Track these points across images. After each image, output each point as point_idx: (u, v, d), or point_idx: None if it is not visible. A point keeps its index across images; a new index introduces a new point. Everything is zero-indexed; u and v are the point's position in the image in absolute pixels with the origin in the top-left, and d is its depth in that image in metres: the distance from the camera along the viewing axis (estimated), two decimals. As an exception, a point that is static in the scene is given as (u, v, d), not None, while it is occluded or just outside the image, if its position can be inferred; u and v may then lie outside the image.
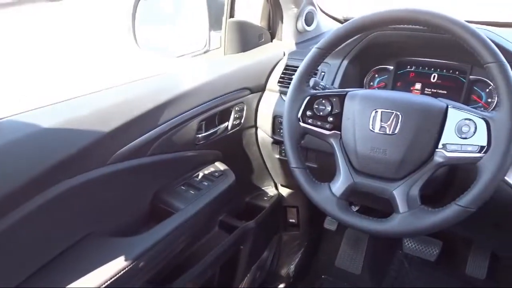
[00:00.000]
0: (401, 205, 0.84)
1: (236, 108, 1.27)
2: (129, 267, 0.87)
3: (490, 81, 1.09)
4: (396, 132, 0.86)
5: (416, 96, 0.92)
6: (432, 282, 1.65)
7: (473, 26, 0.82)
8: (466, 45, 0.82)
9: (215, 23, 1.43)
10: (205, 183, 1.16)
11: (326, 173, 0.98)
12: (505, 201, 0.94)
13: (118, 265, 0.86)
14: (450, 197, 0.82)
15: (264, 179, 1.59)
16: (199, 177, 1.18)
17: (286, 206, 1.68)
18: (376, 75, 1.30)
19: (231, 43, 1.41)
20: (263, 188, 1.62)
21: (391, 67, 1.27)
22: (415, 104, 0.87)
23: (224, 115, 1.25)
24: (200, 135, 1.17)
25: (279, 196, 1.62)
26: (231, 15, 1.40)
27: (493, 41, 0.82)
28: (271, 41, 1.52)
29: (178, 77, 1.17)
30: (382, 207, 0.90)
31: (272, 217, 1.56)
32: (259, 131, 1.38)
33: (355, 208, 1.48)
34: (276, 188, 1.63)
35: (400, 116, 0.86)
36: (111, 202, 0.98)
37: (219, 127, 1.24)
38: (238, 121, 1.30)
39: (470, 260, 1.56)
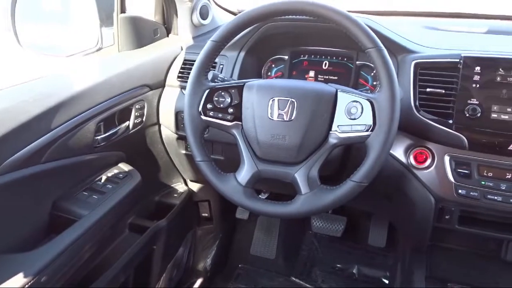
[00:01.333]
0: (303, 187, 0.89)
1: (136, 106, 1.24)
2: (29, 283, 0.81)
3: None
4: (293, 118, 0.90)
5: (308, 83, 0.97)
6: (339, 255, 1.77)
7: (354, 15, 0.88)
8: (349, 33, 0.88)
9: (106, 19, 1.37)
10: (109, 186, 1.12)
11: (233, 164, 1.00)
12: (393, 173, 1.03)
13: (15, 283, 0.80)
14: (347, 175, 0.89)
15: (173, 176, 1.57)
16: (102, 180, 1.13)
17: (197, 201, 1.68)
18: (273, 65, 1.34)
19: (125, 40, 1.37)
20: (172, 185, 1.60)
21: (286, 57, 1.32)
22: (308, 90, 0.92)
23: (124, 115, 1.21)
24: (99, 137, 1.12)
25: (190, 191, 1.61)
26: (122, 10, 1.35)
27: (372, 29, 0.89)
28: (167, 36, 1.49)
29: (68, 78, 1.11)
30: (288, 192, 0.94)
31: (184, 213, 1.55)
32: (162, 128, 1.36)
33: (264, 196, 1.53)
34: (186, 184, 1.62)
35: (295, 102, 0.90)
36: (2, 216, 0.90)
37: (119, 127, 1.20)
38: (139, 120, 1.26)
39: (371, 232, 1.70)
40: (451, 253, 1.17)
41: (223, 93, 0.97)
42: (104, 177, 1.14)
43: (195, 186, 1.62)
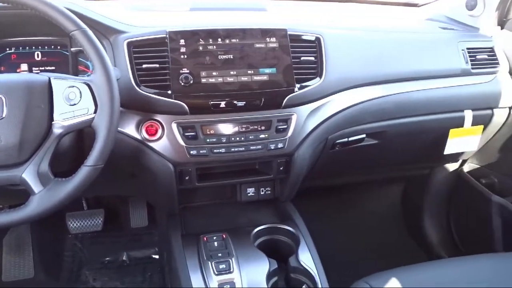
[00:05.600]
0: (35, 186, 0.83)
1: None
2: None
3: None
4: (4, 116, 0.82)
5: (15, 75, 0.90)
6: (106, 248, 1.74)
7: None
8: (50, 19, 0.85)
9: None
10: None
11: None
12: (130, 151, 1.07)
13: None
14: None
15: None
16: None
17: None
18: (-27, 64, 1.17)
19: None
20: None
21: None
22: (16, 83, 0.85)
23: None
24: None
25: None
26: None
27: (75, 12, 0.87)
28: None
29: None
30: (21, 200, 0.86)
31: None
32: None
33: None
34: None
35: (3, 98, 0.82)
36: None
37: None
38: None
39: (131, 215, 1.73)
40: (201, 209, 1.31)
41: None
42: None
43: None
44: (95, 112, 0.85)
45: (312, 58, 1.14)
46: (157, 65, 1.04)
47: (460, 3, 1.54)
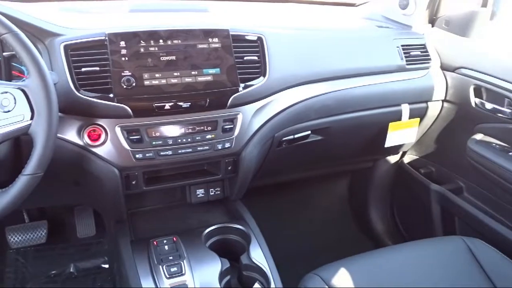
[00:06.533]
0: None
1: None
2: None
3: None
4: None
5: None
6: (52, 261, 1.66)
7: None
8: None
9: None
10: None
11: None
12: (72, 157, 1.03)
13: None
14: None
15: None
16: None
17: None
18: None
19: None
20: None
21: None
22: None
23: None
24: None
25: None
26: None
27: (3, 14, 0.83)
28: None
29: None
30: None
31: None
32: None
33: None
34: None
35: None
36: None
37: None
38: None
39: (77, 225, 1.66)
40: (150, 213, 1.29)
41: None
42: None
43: None
44: (31, 119, 0.82)
45: (255, 58, 1.16)
46: (97, 68, 1.01)
47: (394, 2, 1.62)
